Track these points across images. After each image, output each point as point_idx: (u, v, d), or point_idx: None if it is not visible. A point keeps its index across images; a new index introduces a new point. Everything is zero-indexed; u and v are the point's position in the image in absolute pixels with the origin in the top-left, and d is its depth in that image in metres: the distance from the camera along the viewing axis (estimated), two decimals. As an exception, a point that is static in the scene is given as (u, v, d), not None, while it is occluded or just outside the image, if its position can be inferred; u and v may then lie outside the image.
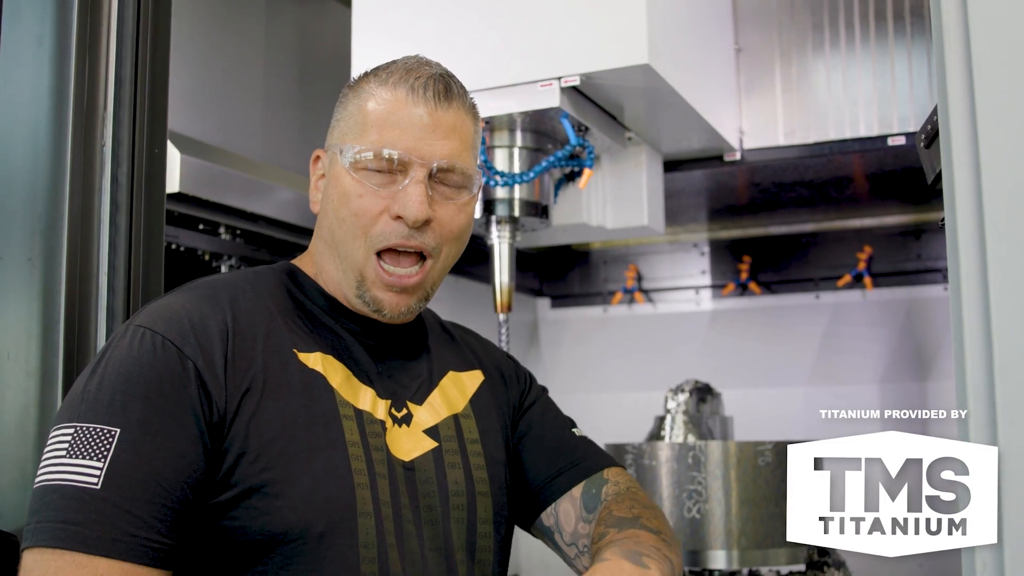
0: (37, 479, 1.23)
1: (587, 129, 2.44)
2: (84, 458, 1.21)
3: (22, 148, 1.70)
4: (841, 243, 3.77)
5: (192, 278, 2.70)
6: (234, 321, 1.34)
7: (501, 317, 2.50)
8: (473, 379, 1.56)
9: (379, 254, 1.40)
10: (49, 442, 1.25)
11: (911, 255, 3.67)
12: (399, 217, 1.37)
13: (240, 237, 2.79)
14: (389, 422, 1.40)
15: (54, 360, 1.66)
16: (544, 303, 4.22)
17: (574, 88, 2.29)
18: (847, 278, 3.73)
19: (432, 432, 1.45)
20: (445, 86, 1.41)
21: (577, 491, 1.53)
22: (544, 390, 1.69)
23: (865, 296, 3.72)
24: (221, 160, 2.64)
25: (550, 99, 2.27)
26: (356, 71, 2.42)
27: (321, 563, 1.28)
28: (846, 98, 2.84)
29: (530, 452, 1.58)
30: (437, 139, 1.39)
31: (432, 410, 1.48)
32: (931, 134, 1.54)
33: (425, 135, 1.38)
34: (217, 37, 2.81)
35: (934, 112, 1.50)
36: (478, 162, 1.49)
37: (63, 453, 1.22)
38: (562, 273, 4.19)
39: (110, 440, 1.22)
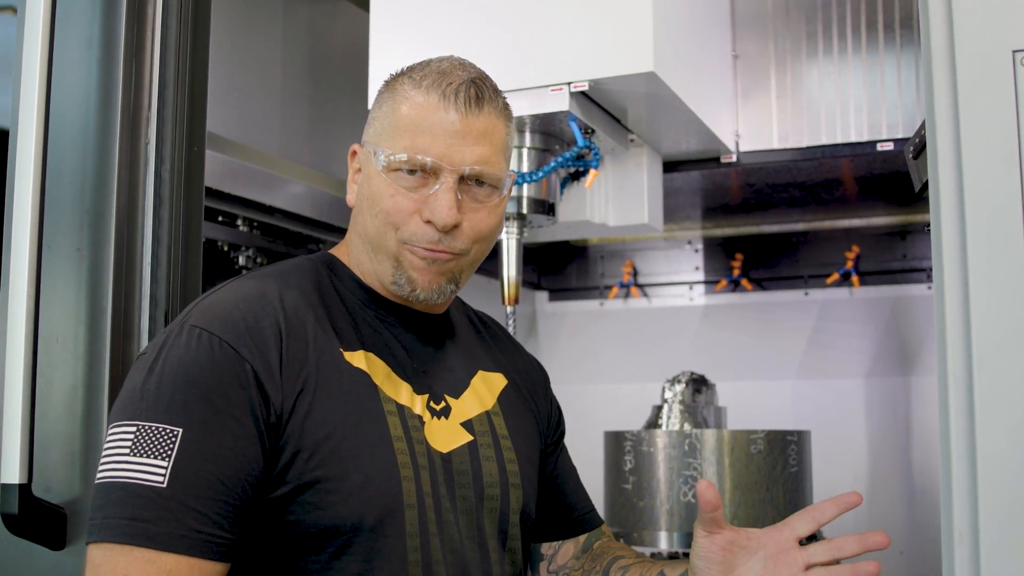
0: (100, 475, 1.27)
1: (593, 131, 2.54)
2: (148, 456, 1.24)
3: (72, 145, 1.80)
4: (830, 242, 3.86)
5: (212, 268, 2.81)
6: (286, 321, 1.37)
7: (508, 309, 2.61)
8: (499, 380, 1.63)
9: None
10: (110, 439, 1.28)
11: (897, 255, 3.78)
12: (430, 221, 1.40)
13: (257, 229, 2.90)
14: (427, 415, 1.46)
15: (101, 344, 1.76)
16: (542, 296, 4.31)
17: (582, 93, 2.40)
18: (835, 276, 3.82)
19: (467, 426, 1.51)
20: (477, 91, 1.43)
21: (583, 537, 1.69)
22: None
23: (852, 293, 3.83)
24: (240, 155, 2.74)
25: (560, 103, 2.37)
26: (374, 74, 2.54)
27: (372, 552, 1.34)
28: (838, 104, 2.94)
29: (563, 483, 1.71)
30: (467, 145, 1.41)
31: (468, 405, 1.53)
32: (919, 146, 1.66)
33: (456, 141, 1.40)
34: (237, 37, 2.91)
35: (922, 126, 1.61)
36: (509, 161, 1.52)
37: (126, 451, 1.25)
38: (560, 267, 4.28)
39: (173, 440, 1.25)
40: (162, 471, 1.24)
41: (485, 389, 1.59)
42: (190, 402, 1.27)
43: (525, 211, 2.56)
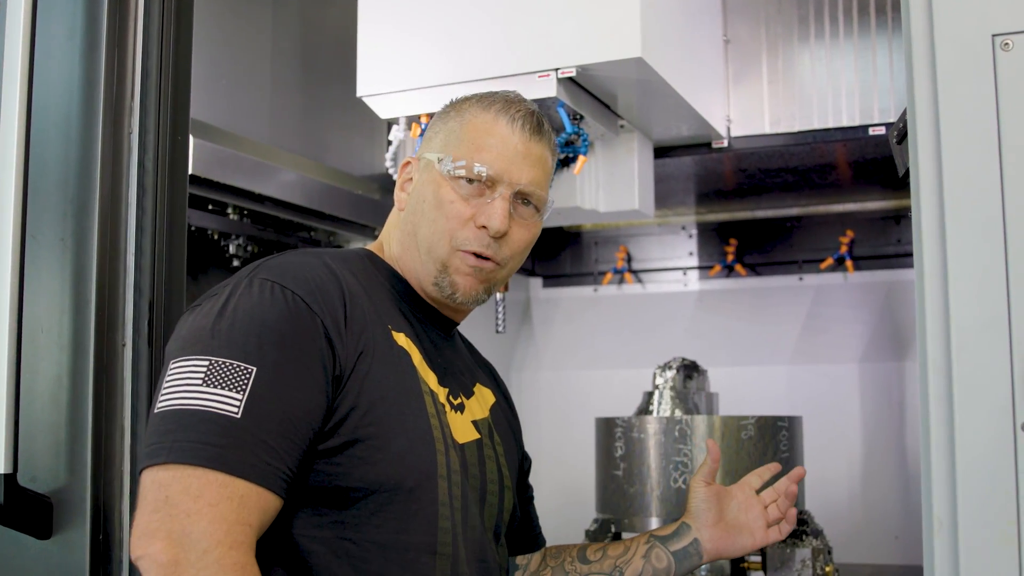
0: (166, 403, 1.29)
1: (582, 117, 2.54)
2: (222, 388, 1.28)
3: (55, 136, 1.80)
4: (824, 227, 3.85)
5: (202, 257, 2.81)
6: (347, 288, 1.45)
7: (499, 296, 2.61)
8: (490, 395, 1.74)
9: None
10: (175, 371, 1.31)
11: (891, 239, 3.77)
12: (483, 227, 1.53)
13: (247, 217, 2.89)
14: (447, 407, 1.55)
15: (85, 333, 1.76)
16: (536, 282, 4.30)
17: (570, 79, 2.39)
18: (829, 261, 3.81)
19: (476, 425, 1.62)
20: (539, 122, 1.60)
21: (542, 550, 1.88)
22: None
23: (846, 278, 3.82)
24: (230, 143, 2.73)
25: (547, 89, 2.37)
26: (362, 62, 2.55)
27: (408, 514, 1.41)
28: (830, 89, 2.94)
29: (530, 500, 1.88)
30: (526, 166, 1.57)
31: (476, 407, 1.65)
32: (902, 132, 1.65)
33: (517, 160, 1.56)
34: (227, 24, 2.91)
35: (905, 112, 1.61)
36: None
37: (198, 381, 1.29)
38: (554, 253, 4.27)
39: (247, 376, 1.29)
40: (236, 402, 1.28)
41: (481, 399, 1.69)
42: (264, 345, 1.33)
43: (514, 198, 2.55)
